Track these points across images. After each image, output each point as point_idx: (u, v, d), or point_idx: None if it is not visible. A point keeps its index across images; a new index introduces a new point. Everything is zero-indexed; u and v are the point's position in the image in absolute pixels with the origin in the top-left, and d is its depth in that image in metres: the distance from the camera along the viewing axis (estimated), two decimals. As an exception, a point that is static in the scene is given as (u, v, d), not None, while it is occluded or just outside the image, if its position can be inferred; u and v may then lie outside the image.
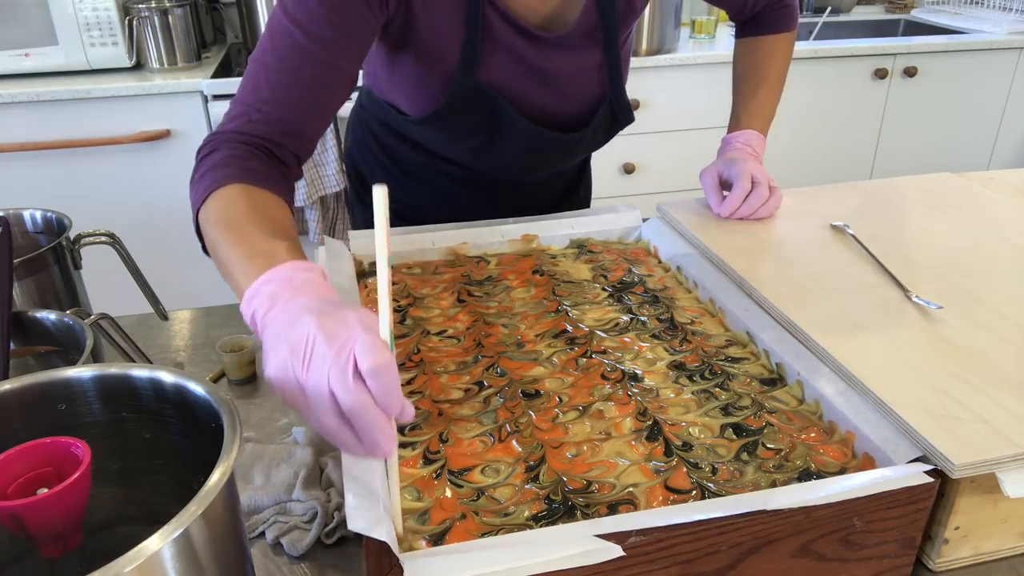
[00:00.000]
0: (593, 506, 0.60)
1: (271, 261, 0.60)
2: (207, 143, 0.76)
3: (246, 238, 0.64)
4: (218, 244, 0.66)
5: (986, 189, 1.13)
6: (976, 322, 0.77)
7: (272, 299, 0.57)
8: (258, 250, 0.62)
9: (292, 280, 0.58)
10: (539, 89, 0.96)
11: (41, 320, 0.77)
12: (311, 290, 0.57)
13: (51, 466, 0.49)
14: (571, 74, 0.97)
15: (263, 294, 0.58)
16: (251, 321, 0.59)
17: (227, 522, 0.50)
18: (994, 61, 2.55)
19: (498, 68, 0.92)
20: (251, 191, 0.70)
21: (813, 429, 0.68)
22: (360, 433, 0.51)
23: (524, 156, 1.02)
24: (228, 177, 0.70)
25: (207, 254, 0.72)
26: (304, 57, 0.77)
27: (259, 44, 0.79)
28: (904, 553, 0.62)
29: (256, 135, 0.76)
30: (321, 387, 0.50)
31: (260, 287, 0.59)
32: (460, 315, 0.85)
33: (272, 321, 0.56)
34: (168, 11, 2.08)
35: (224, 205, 0.69)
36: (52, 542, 0.49)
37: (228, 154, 0.73)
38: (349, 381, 0.49)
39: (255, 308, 0.58)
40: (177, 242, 2.14)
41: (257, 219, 0.67)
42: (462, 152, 1.04)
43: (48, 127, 1.97)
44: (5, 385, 0.54)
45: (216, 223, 0.68)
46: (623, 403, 0.70)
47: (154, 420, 0.57)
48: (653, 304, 0.87)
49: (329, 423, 0.51)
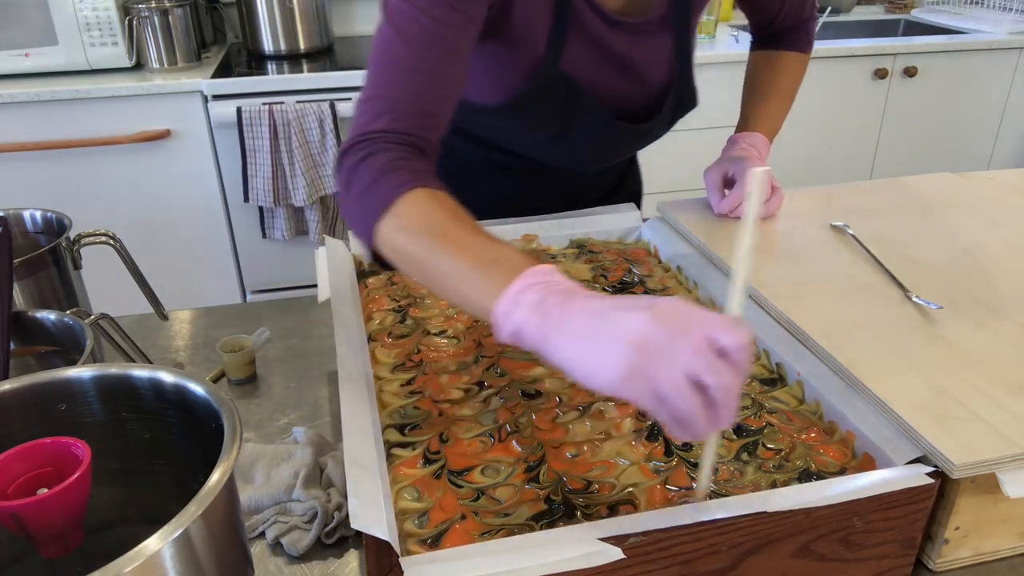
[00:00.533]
0: (593, 506, 0.60)
1: (511, 268, 0.57)
2: (357, 145, 0.72)
3: (464, 248, 0.61)
4: (432, 255, 0.62)
5: (986, 189, 1.13)
6: (976, 322, 0.77)
7: (540, 308, 0.54)
8: (488, 258, 0.59)
9: (549, 284, 0.55)
10: (615, 76, 0.96)
11: (41, 320, 0.77)
12: (580, 290, 0.55)
13: (51, 466, 0.49)
14: (645, 61, 0.97)
15: (524, 303, 0.55)
16: (514, 335, 0.56)
17: (227, 522, 0.50)
18: (994, 61, 2.55)
19: (580, 55, 0.91)
20: (436, 195, 0.67)
21: (813, 429, 0.68)
22: (722, 409, 0.50)
23: (594, 145, 1.01)
24: (406, 183, 0.66)
25: (380, 264, 0.71)
26: (435, 45, 0.74)
27: (381, 37, 0.76)
28: (904, 553, 0.62)
29: (405, 132, 0.72)
30: (678, 376, 0.49)
31: (517, 297, 0.55)
32: (460, 315, 0.85)
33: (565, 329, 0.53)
34: (168, 11, 2.08)
35: (419, 212, 0.65)
36: (52, 542, 0.49)
37: (393, 157, 0.69)
38: (713, 361, 0.49)
39: (519, 320, 0.55)
40: (177, 242, 2.14)
41: (464, 225, 0.63)
42: (529, 144, 1.03)
43: (48, 127, 1.97)
44: (5, 385, 0.55)
45: (420, 233, 0.64)
46: (623, 403, 0.70)
47: (154, 420, 0.57)
48: (653, 304, 0.87)
49: (689, 407, 0.49)
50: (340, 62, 2.23)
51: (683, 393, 0.49)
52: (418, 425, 0.68)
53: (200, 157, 2.06)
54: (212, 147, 2.06)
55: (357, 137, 0.72)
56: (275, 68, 2.16)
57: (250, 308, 1.10)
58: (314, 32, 2.26)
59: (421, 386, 0.73)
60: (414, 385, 0.74)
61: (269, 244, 2.18)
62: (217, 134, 2.03)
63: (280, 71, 2.13)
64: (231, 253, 2.20)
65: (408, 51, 0.74)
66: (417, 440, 0.66)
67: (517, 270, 0.56)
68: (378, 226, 0.66)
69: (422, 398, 0.72)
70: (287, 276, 2.23)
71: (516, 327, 0.55)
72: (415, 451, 0.65)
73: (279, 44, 2.23)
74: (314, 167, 2.03)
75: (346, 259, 0.93)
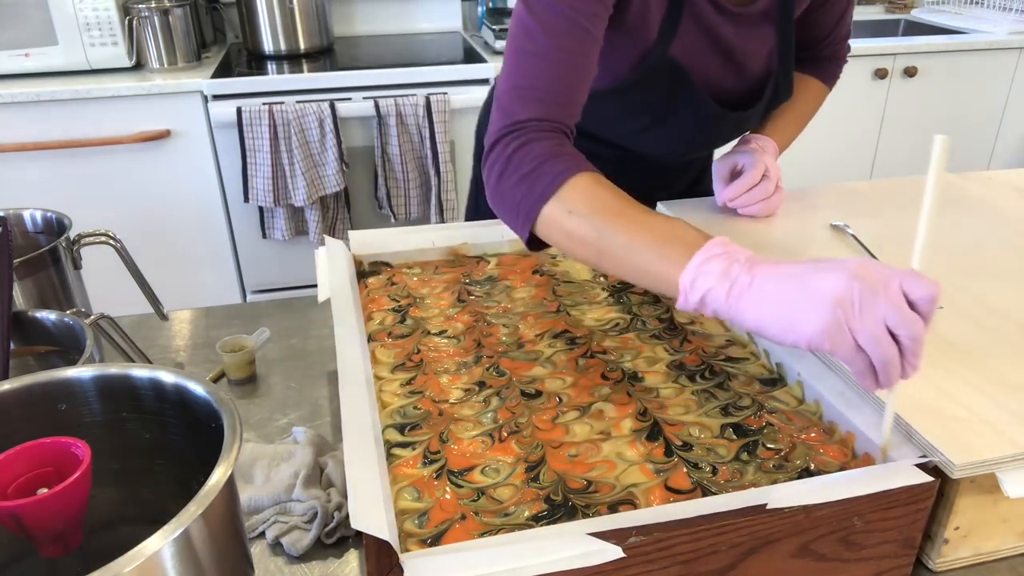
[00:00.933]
0: (593, 506, 0.60)
1: (689, 241, 0.62)
2: (509, 135, 0.74)
3: (640, 225, 0.66)
4: (605, 236, 0.67)
5: (986, 189, 1.13)
6: (976, 322, 0.77)
7: (727, 276, 0.59)
8: (665, 234, 0.64)
9: (730, 254, 0.61)
10: (719, 65, 0.96)
11: (41, 320, 0.77)
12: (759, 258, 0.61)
13: (51, 466, 0.49)
14: (748, 51, 0.98)
15: (711, 273, 0.60)
16: (700, 303, 0.61)
17: (227, 522, 0.50)
18: (994, 61, 2.55)
19: (689, 43, 0.91)
20: (599, 179, 0.71)
21: (813, 429, 0.68)
22: (912, 356, 0.55)
23: (692, 133, 1.01)
24: (570, 168, 0.70)
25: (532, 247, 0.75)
26: (575, 33, 0.76)
27: (522, 27, 0.77)
28: (904, 553, 0.62)
29: (554, 120, 0.75)
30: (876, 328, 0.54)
31: (701, 267, 0.60)
32: (460, 315, 0.85)
33: (758, 293, 0.58)
34: (168, 11, 2.08)
35: (586, 195, 0.69)
36: (52, 542, 0.49)
37: (550, 145, 0.73)
38: (907, 312, 0.54)
39: (706, 290, 0.60)
40: (177, 242, 2.14)
41: (633, 205, 0.68)
42: (623, 132, 1.02)
43: (48, 127, 1.97)
44: (5, 385, 0.54)
45: (591, 214, 0.68)
46: (623, 403, 0.70)
47: (154, 420, 0.57)
48: (653, 304, 0.87)
49: (889, 355, 0.55)
50: (340, 62, 2.23)
51: (883, 342, 0.54)
52: (418, 425, 0.68)
53: (200, 157, 2.06)
54: (212, 147, 2.06)
55: (508, 127, 0.75)
56: (275, 68, 2.16)
57: (250, 308, 1.10)
58: (314, 32, 2.26)
59: (421, 386, 0.73)
60: (414, 385, 0.74)
61: (269, 244, 2.18)
62: (217, 134, 2.03)
63: (280, 71, 2.13)
64: (231, 253, 2.20)
65: (550, 40, 0.76)
66: (417, 440, 0.66)
67: (696, 243, 0.62)
68: (544, 209, 0.70)
69: (422, 398, 0.72)
70: (287, 276, 2.23)
71: (703, 294, 0.60)
72: (415, 451, 0.65)
73: (279, 44, 2.23)
74: (314, 167, 2.03)
75: (346, 259, 0.93)
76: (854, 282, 0.55)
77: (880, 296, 0.54)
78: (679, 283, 0.61)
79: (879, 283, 0.55)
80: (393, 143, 2.06)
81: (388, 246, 0.98)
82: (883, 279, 0.55)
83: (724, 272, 0.59)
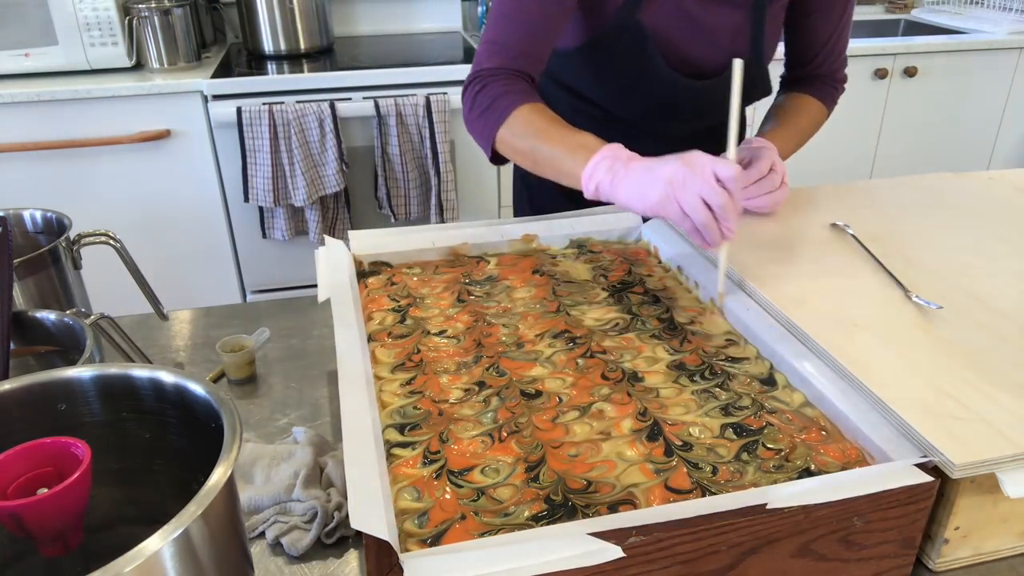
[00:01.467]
0: (593, 506, 0.59)
1: (591, 148, 0.85)
2: (475, 80, 0.97)
3: (559, 139, 0.88)
4: (536, 149, 0.90)
5: (986, 189, 1.13)
6: (976, 322, 0.77)
7: (611, 170, 0.82)
8: (576, 144, 0.87)
9: (617, 155, 0.83)
10: (689, 38, 1.02)
11: (41, 320, 0.77)
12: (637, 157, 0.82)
13: (51, 466, 0.49)
14: (720, 28, 1.03)
15: (601, 168, 0.82)
16: (595, 190, 0.84)
17: (227, 522, 0.50)
18: (994, 61, 2.55)
19: (657, 10, 1.00)
20: (536, 107, 0.92)
21: (813, 429, 0.68)
22: (722, 222, 0.76)
23: (660, 102, 1.08)
24: (515, 102, 0.92)
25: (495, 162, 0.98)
26: None
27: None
28: (904, 553, 0.62)
29: (513, 68, 0.96)
30: (693, 198, 0.76)
31: (597, 164, 0.83)
32: (460, 315, 0.85)
33: (631, 176, 0.80)
34: (168, 11, 2.08)
35: (526, 121, 0.91)
36: (52, 542, 0.49)
37: (503, 85, 0.94)
38: (716, 188, 0.75)
39: (598, 180, 0.83)
40: (177, 242, 2.14)
41: (557, 124, 0.90)
42: (604, 94, 1.10)
43: (48, 127, 1.97)
44: (5, 385, 0.55)
45: (526, 135, 0.91)
46: (623, 403, 0.70)
47: (154, 420, 0.57)
48: (653, 304, 0.87)
49: (703, 219, 0.76)
50: (340, 62, 2.23)
51: (699, 209, 0.76)
52: (418, 425, 0.68)
53: (200, 157, 2.06)
54: (212, 147, 2.06)
55: (474, 74, 0.97)
56: (275, 68, 2.16)
57: (250, 308, 1.10)
58: (314, 32, 2.26)
59: (421, 386, 0.73)
60: (414, 385, 0.74)
61: (269, 244, 2.18)
62: (217, 134, 2.03)
63: (280, 71, 2.13)
64: (231, 253, 2.20)
65: (517, 4, 0.95)
66: (417, 440, 0.66)
67: (595, 149, 0.84)
68: (498, 134, 0.94)
69: (422, 398, 0.72)
70: (287, 276, 2.23)
71: (596, 184, 0.83)
72: (415, 451, 0.65)
73: (279, 44, 2.23)
74: (314, 167, 2.03)
75: (346, 259, 0.93)
76: (680, 167, 0.76)
77: (697, 177, 0.75)
78: (582, 177, 0.83)
79: (697, 167, 0.76)
80: (393, 143, 2.06)
81: (388, 246, 0.98)
82: (700, 165, 0.76)
83: (609, 168, 0.82)
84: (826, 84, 1.18)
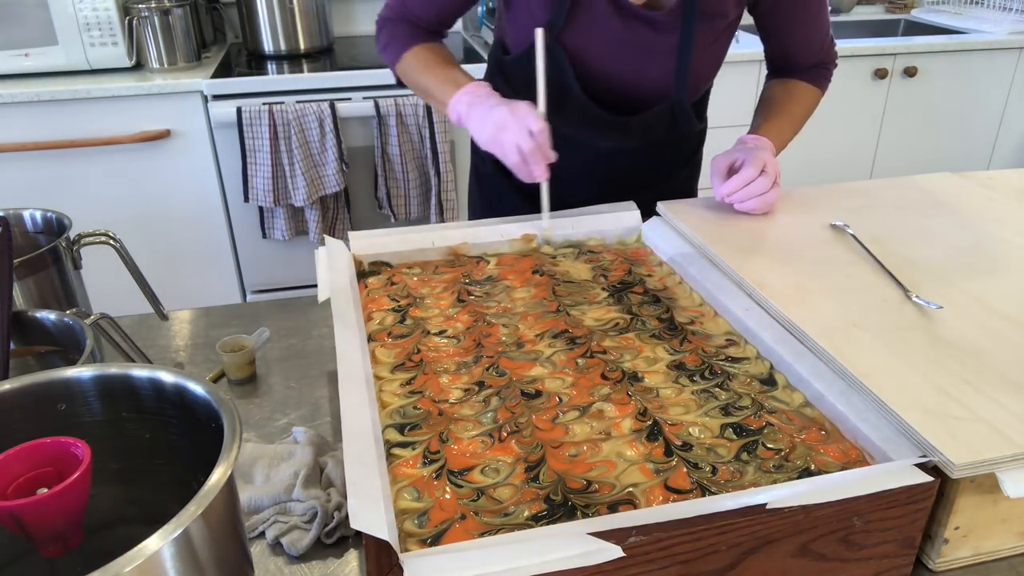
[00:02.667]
0: (593, 506, 0.59)
1: (459, 83, 1.01)
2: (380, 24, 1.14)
3: (437, 74, 1.05)
4: (419, 81, 1.08)
5: (986, 189, 1.13)
6: (976, 322, 0.77)
7: (469, 104, 0.98)
8: (449, 79, 1.03)
9: (477, 92, 0.99)
10: (617, 63, 1.04)
11: (41, 320, 0.77)
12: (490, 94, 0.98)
13: (51, 466, 0.49)
14: (647, 56, 1.04)
15: (462, 102, 0.99)
16: (457, 118, 1.01)
17: (227, 522, 0.50)
18: (994, 61, 2.55)
19: (584, 34, 1.04)
20: (424, 46, 1.09)
21: (813, 429, 0.68)
22: (532, 165, 0.93)
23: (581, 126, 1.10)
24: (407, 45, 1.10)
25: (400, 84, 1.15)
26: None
27: None
28: (904, 553, 0.62)
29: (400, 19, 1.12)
30: (512, 141, 0.93)
31: (460, 98, 1.00)
32: (460, 315, 0.85)
33: (476, 113, 0.97)
34: (168, 11, 2.08)
35: (414, 58, 1.09)
36: (52, 542, 0.49)
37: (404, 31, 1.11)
38: (527, 136, 0.92)
39: (459, 111, 1.00)
40: (177, 242, 2.14)
41: (439, 62, 1.07)
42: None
43: (48, 127, 1.97)
44: (5, 385, 0.55)
45: (415, 70, 1.08)
46: (623, 403, 0.70)
47: (154, 420, 0.57)
48: (653, 304, 0.87)
49: (516, 160, 0.93)
50: (340, 62, 2.23)
51: (511, 152, 0.93)
52: (418, 425, 0.68)
53: (200, 157, 2.06)
54: (212, 147, 2.06)
55: (379, 18, 1.14)
56: (275, 68, 2.16)
57: (250, 308, 1.10)
58: (314, 32, 2.26)
59: (421, 386, 0.73)
60: (414, 385, 0.74)
61: (269, 244, 2.18)
62: (217, 134, 2.03)
63: (280, 71, 2.13)
64: (231, 253, 2.20)
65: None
66: (417, 440, 0.66)
67: (462, 84, 1.01)
68: (396, 69, 1.12)
69: (422, 398, 0.72)
70: (287, 276, 2.23)
71: (457, 114, 1.00)
72: (415, 451, 0.65)
73: (279, 44, 2.23)
74: (314, 167, 2.03)
75: (346, 259, 0.93)
76: (506, 114, 0.93)
77: (515, 126, 0.92)
78: (449, 106, 1.00)
79: (517, 118, 0.92)
80: (393, 143, 2.06)
81: (388, 246, 0.98)
82: (519, 117, 0.92)
83: (468, 103, 0.98)
84: (817, 68, 1.17)
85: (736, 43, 2.37)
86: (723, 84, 2.21)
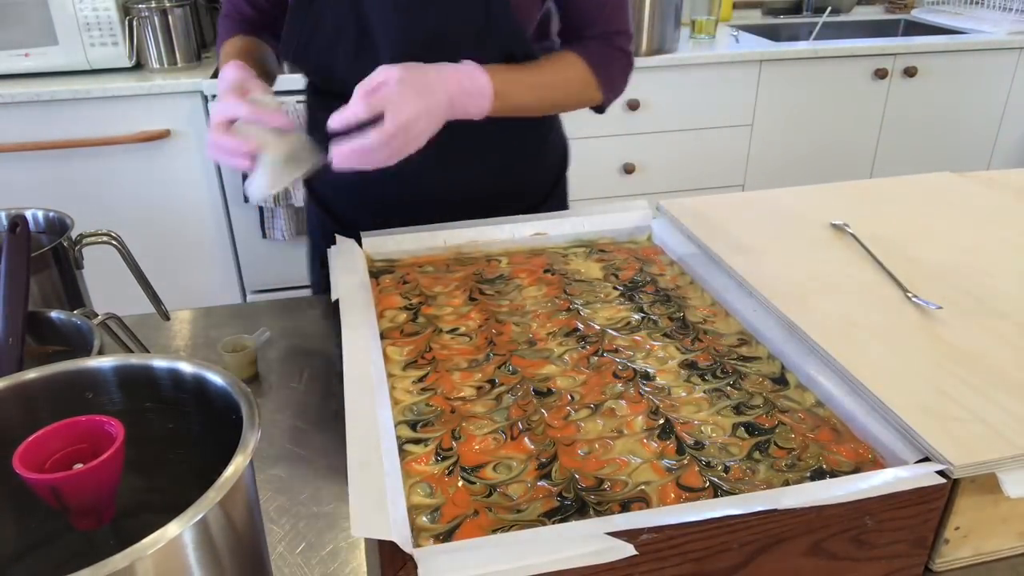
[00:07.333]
0: (605, 503, 0.60)
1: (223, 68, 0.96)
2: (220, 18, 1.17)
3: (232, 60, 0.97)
4: None
5: (986, 189, 1.14)
6: (976, 322, 0.78)
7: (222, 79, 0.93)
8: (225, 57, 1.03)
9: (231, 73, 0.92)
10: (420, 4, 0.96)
11: (52, 319, 0.77)
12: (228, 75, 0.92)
13: (86, 443, 0.51)
14: None
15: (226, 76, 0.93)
16: None
17: (245, 511, 0.50)
18: (994, 61, 2.56)
19: None
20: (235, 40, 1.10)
21: (825, 429, 0.68)
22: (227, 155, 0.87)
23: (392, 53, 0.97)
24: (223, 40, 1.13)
25: None
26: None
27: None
28: (915, 553, 0.62)
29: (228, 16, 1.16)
30: None
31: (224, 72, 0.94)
32: (472, 313, 0.85)
33: None
34: (168, 11, 2.08)
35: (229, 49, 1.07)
36: (86, 515, 0.51)
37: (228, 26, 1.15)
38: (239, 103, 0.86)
39: None
40: (177, 242, 2.14)
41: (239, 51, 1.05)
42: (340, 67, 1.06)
43: (48, 127, 1.97)
44: (32, 374, 0.56)
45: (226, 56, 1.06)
46: (635, 401, 0.71)
47: (175, 410, 0.58)
48: (664, 303, 0.87)
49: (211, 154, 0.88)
50: (341, 62, 2.22)
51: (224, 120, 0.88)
52: (430, 422, 0.69)
53: (200, 157, 2.06)
54: (213, 147, 2.05)
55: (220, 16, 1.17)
56: (276, 68, 2.16)
57: (250, 308, 1.10)
58: (315, 32, 2.26)
59: (433, 383, 0.74)
60: (426, 382, 0.74)
61: (269, 244, 2.18)
62: (218, 134, 2.03)
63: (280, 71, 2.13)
64: (231, 253, 2.20)
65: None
66: (429, 437, 0.67)
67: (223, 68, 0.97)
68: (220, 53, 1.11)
69: (434, 395, 0.72)
70: (287, 276, 2.23)
71: None
72: (427, 448, 0.66)
73: (279, 44, 2.23)
74: (315, 167, 2.03)
75: (359, 258, 0.94)
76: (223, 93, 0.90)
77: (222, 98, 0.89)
78: None
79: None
80: (394, 143, 2.06)
81: (400, 243, 0.98)
82: None
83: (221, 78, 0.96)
84: (602, 47, 1.04)
85: (736, 43, 2.38)
86: (723, 84, 2.22)
